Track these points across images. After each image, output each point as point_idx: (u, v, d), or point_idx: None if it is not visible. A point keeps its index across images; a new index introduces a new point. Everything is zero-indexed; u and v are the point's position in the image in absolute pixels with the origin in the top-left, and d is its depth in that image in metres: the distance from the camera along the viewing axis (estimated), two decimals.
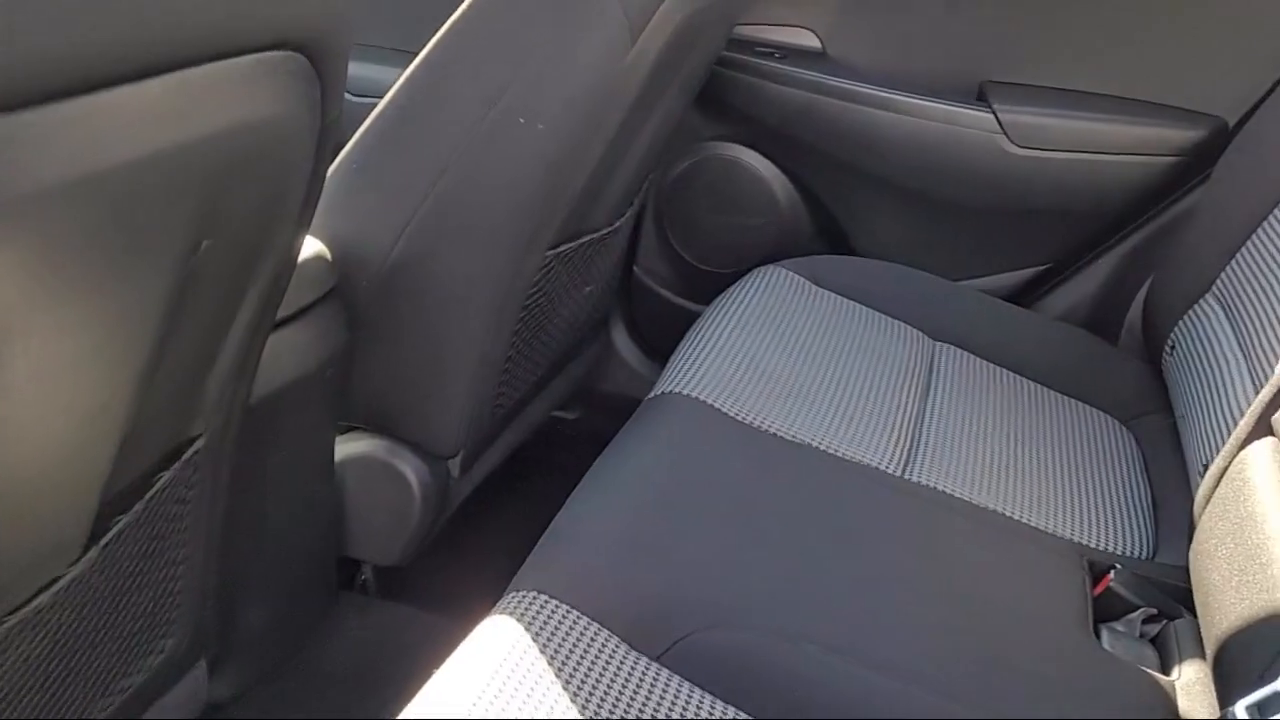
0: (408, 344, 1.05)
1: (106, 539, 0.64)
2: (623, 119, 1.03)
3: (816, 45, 1.45)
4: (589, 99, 0.97)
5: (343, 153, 1.00)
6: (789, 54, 1.44)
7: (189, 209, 0.52)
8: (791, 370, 1.12)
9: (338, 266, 1.00)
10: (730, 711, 0.74)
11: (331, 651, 1.13)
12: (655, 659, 0.76)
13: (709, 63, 1.33)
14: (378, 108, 0.99)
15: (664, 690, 0.74)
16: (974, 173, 1.39)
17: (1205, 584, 0.84)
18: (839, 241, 1.50)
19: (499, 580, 0.95)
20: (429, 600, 1.21)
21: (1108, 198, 1.37)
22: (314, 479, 1.07)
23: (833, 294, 1.30)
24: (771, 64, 1.43)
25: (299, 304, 0.94)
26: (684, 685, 0.75)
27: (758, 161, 1.50)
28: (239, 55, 0.52)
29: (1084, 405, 1.24)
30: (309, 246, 0.97)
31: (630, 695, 0.72)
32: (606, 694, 0.71)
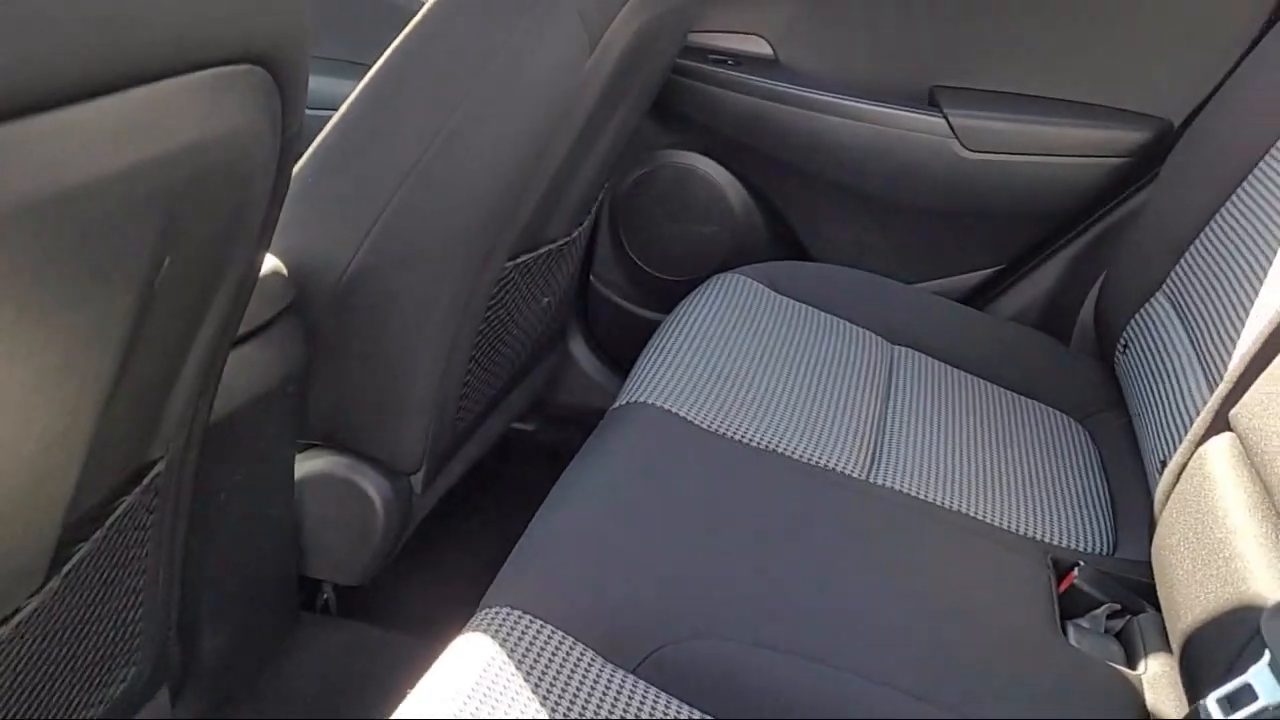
0: (367, 359, 1.04)
1: (68, 567, 0.62)
2: (580, 128, 1.03)
3: (768, 52, 1.46)
4: (547, 109, 0.96)
5: (297, 166, 0.99)
6: (741, 61, 1.45)
7: (152, 227, 0.51)
8: (754, 376, 1.12)
9: (294, 282, 0.98)
10: None
11: (295, 674, 1.11)
12: (631, 671, 0.75)
13: (664, 71, 1.34)
14: (332, 120, 0.98)
15: (641, 701, 0.73)
16: (927, 177, 1.40)
17: (1169, 579, 0.86)
18: (795, 247, 1.51)
19: (463, 597, 0.94)
20: (393, 619, 1.19)
21: (1058, 199, 1.40)
22: (273, 499, 1.05)
23: (790, 300, 1.30)
24: (724, 71, 1.44)
25: (255, 321, 0.93)
26: (661, 696, 0.74)
27: (712, 169, 1.50)
28: (201, 69, 0.50)
29: (1040, 405, 1.26)
30: (265, 262, 0.96)
31: (609, 708, 0.71)
32: (585, 708, 0.70)
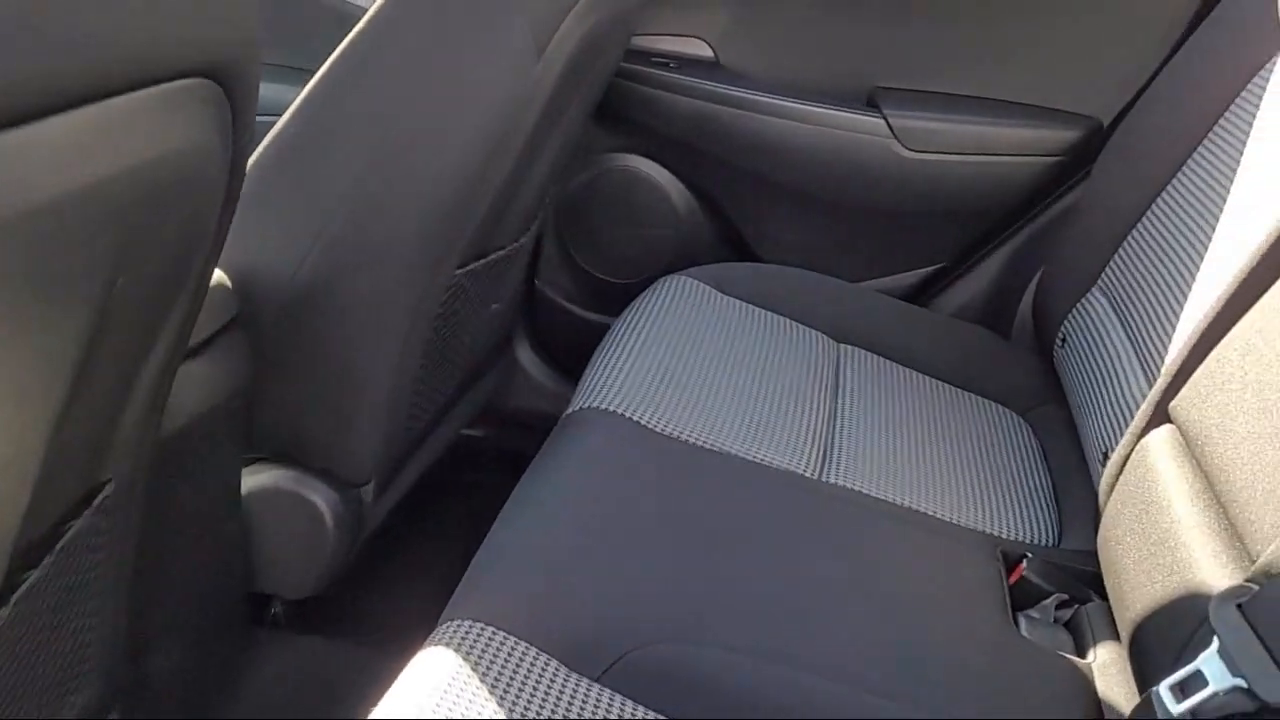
0: (316, 371, 1.02)
1: (17, 595, 0.60)
2: (529, 134, 1.02)
3: (709, 54, 1.47)
4: (496, 115, 0.96)
5: None
6: (683, 64, 1.45)
7: (106, 247, 0.49)
8: (705, 378, 1.12)
9: (238, 294, 0.97)
10: None
11: (249, 691, 1.09)
12: (596, 679, 0.75)
13: (608, 75, 1.34)
14: (275, 128, 0.96)
15: (608, 709, 0.73)
16: (868, 177, 1.42)
17: (1116, 569, 0.88)
18: (740, 248, 1.52)
19: (420, 608, 0.93)
20: (345, 631, 1.18)
21: (995, 198, 1.42)
22: (221, 516, 1.03)
23: (737, 300, 1.31)
24: (666, 74, 1.44)
25: (200, 336, 0.91)
26: (627, 703, 0.74)
27: (656, 172, 1.50)
28: (152, 85, 0.49)
29: (983, 399, 1.28)
30: None
31: (575, 717, 0.71)
32: (552, 718, 0.70)
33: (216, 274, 0.95)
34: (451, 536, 0.92)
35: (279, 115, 0.96)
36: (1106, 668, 0.87)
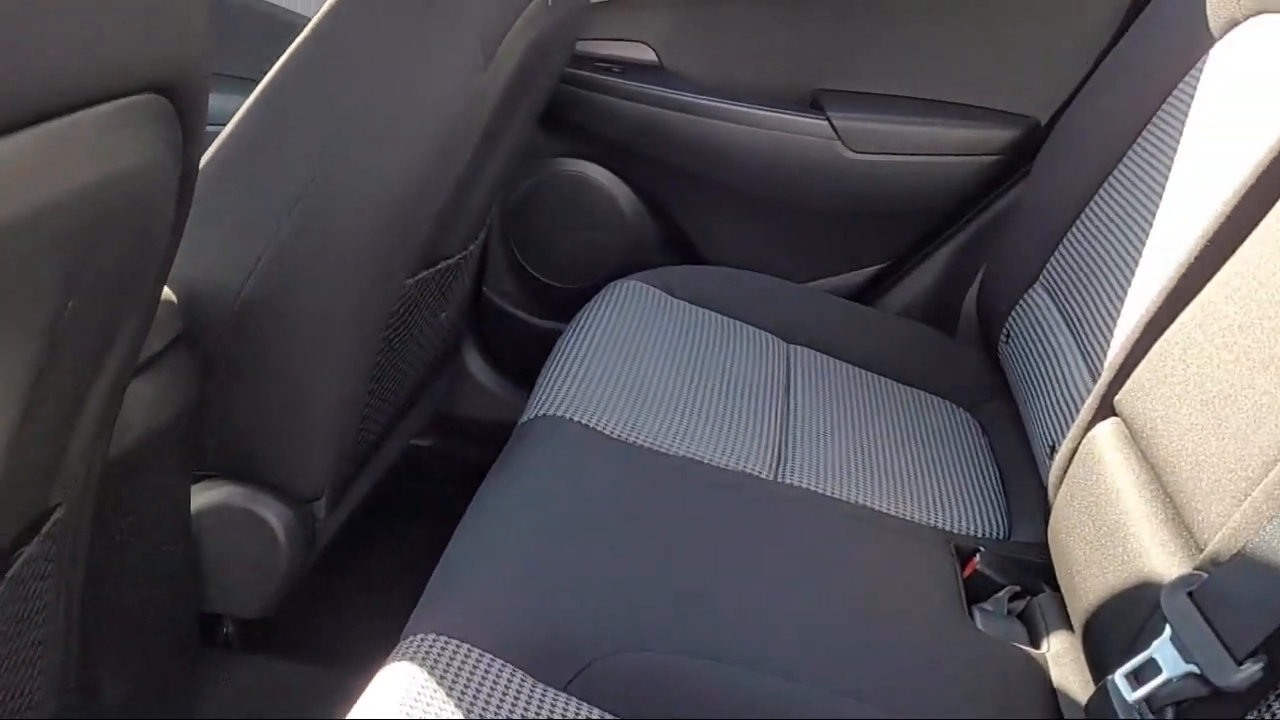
0: (265, 385, 1.00)
1: None
2: (477, 143, 1.02)
3: (653, 59, 1.47)
4: (444, 125, 0.95)
5: None
6: (627, 68, 1.46)
7: (55, 271, 0.48)
8: (658, 383, 1.13)
9: (184, 309, 0.95)
10: None
11: (204, 715, 1.07)
12: (563, 689, 0.75)
13: (554, 81, 1.33)
14: (219, 138, 0.94)
15: (575, 718, 0.73)
16: (813, 178, 1.44)
17: (1067, 560, 0.90)
18: (687, 251, 1.53)
19: (374, 623, 0.92)
20: (302, 650, 1.16)
21: (937, 197, 1.45)
22: (170, 536, 1.00)
23: (687, 303, 1.32)
24: (611, 79, 1.44)
25: (145, 354, 0.89)
26: (594, 711, 0.74)
27: (602, 176, 1.50)
28: (102, 102, 0.48)
29: (931, 396, 1.30)
30: None
31: None
32: None
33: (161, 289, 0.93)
34: (406, 549, 0.91)
35: (221, 125, 0.95)
36: (1060, 657, 0.88)
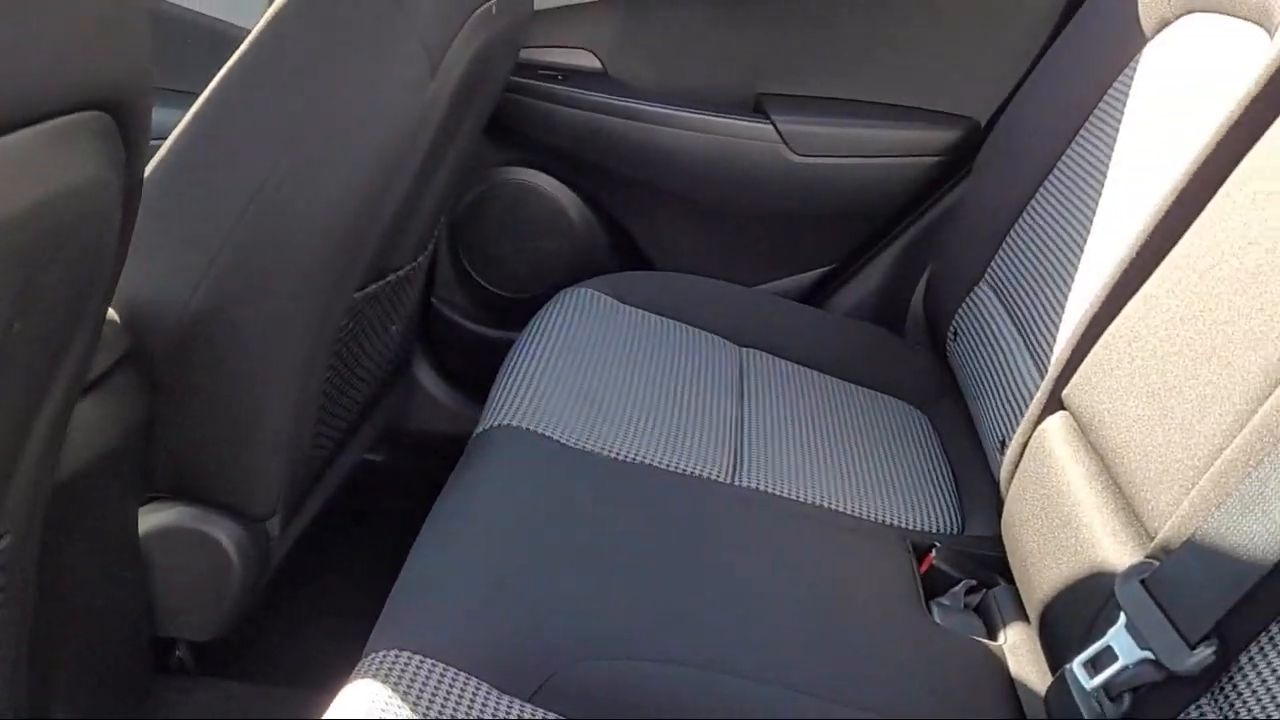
0: (214, 403, 0.99)
1: None
2: (425, 153, 1.01)
3: (597, 65, 1.48)
4: (391, 136, 0.94)
5: None
6: (571, 76, 1.46)
7: (1, 290, 0.47)
8: (613, 390, 1.13)
9: (130, 328, 0.93)
10: None
11: None
12: (528, 700, 0.75)
13: (499, 89, 1.33)
14: (159, 153, 0.93)
15: None
16: (758, 182, 1.45)
17: (1021, 552, 0.91)
18: (637, 257, 1.53)
19: (333, 641, 0.91)
20: (259, 672, 1.14)
21: (882, 198, 1.47)
22: (119, 560, 0.98)
23: (638, 310, 1.32)
24: (555, 87, 1.44)
25: (91, 374, 0.87)
26: None
27: (549, 184, 1.50)
28: (44, 120, 0.47)
29: (882, 395, 1.32)
30: None
31: None
32: None
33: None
34: (363, 565, 0.89)
35: (161, 140, 0.93)
36: (1017, 648, 0.90)
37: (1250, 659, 0.62)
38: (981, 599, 0.99)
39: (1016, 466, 0.97)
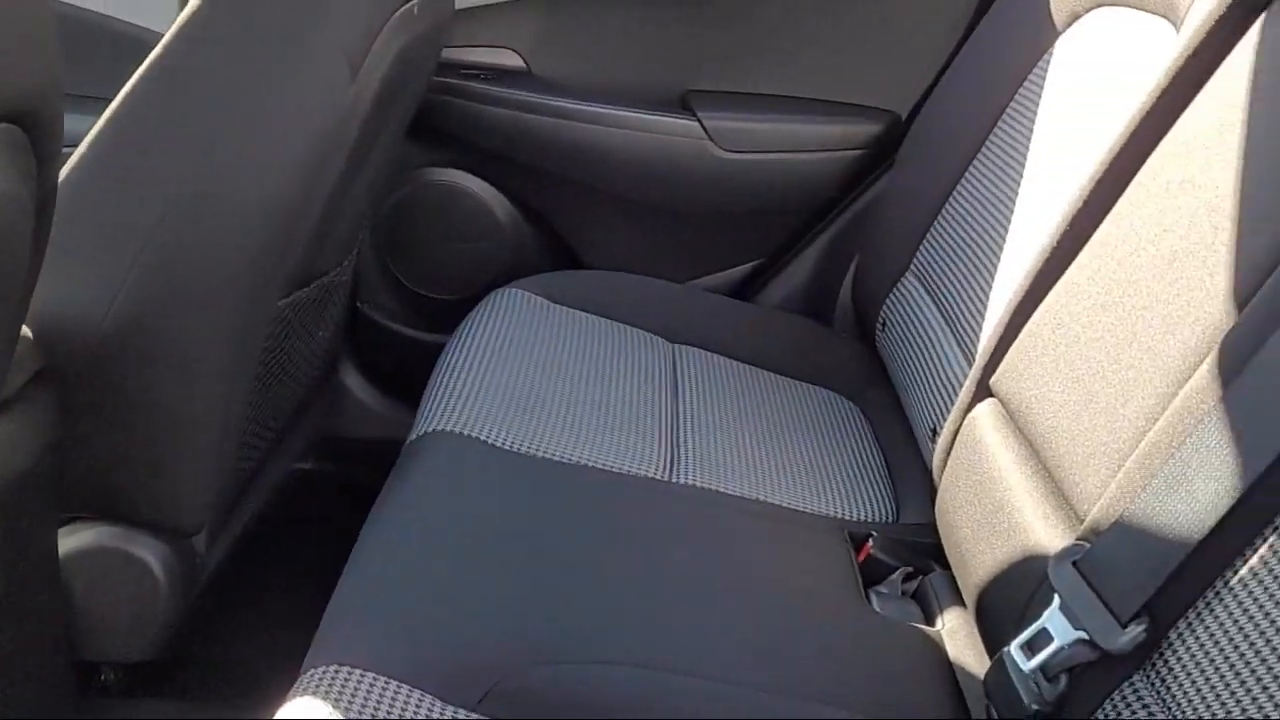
0: (134, 419, 0.96)
1: None
2: (348, 157, 0.99)
3: (520, 64, 1.46)
4: (312, 140, 0.92)
5: None
6: (495, 75, 1.44)
7: None
8: (547, 391, 1.12)
9: (43, 345, 0.89)
10: None
11: None
12: (474, 709, 0.74)
13: (422, 90, 1.31)
14: (70, 161, 0.89)
15: None
16: (687, 179, 1.45)
17: (955, 539, 0.93)
18: (567, 256, 1.53)
19: (269, 658, 0.89)
20: (193, 691, 1.11)
21: (808, 192, 1.48)
22: (38, 584, 0.95)
23: (570, 309, 1.31)
24: (479, 86, 1.43)
25: (3, 394, 0.84)
26: None
27: (475, 184, 1.49)
28: None
29: (813, 387, 1.33)
30: None
31: None
32: None
33: None
34: (298, 578, 0.87)
35: (72, 147, 0.90)
36: (955, 633, 0.91)
37: (1179, 634, 0.63)
38: (919, 586, 1.00)
39: (948, 454, 0.98)
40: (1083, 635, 0.68)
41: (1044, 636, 0.71)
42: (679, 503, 1.01)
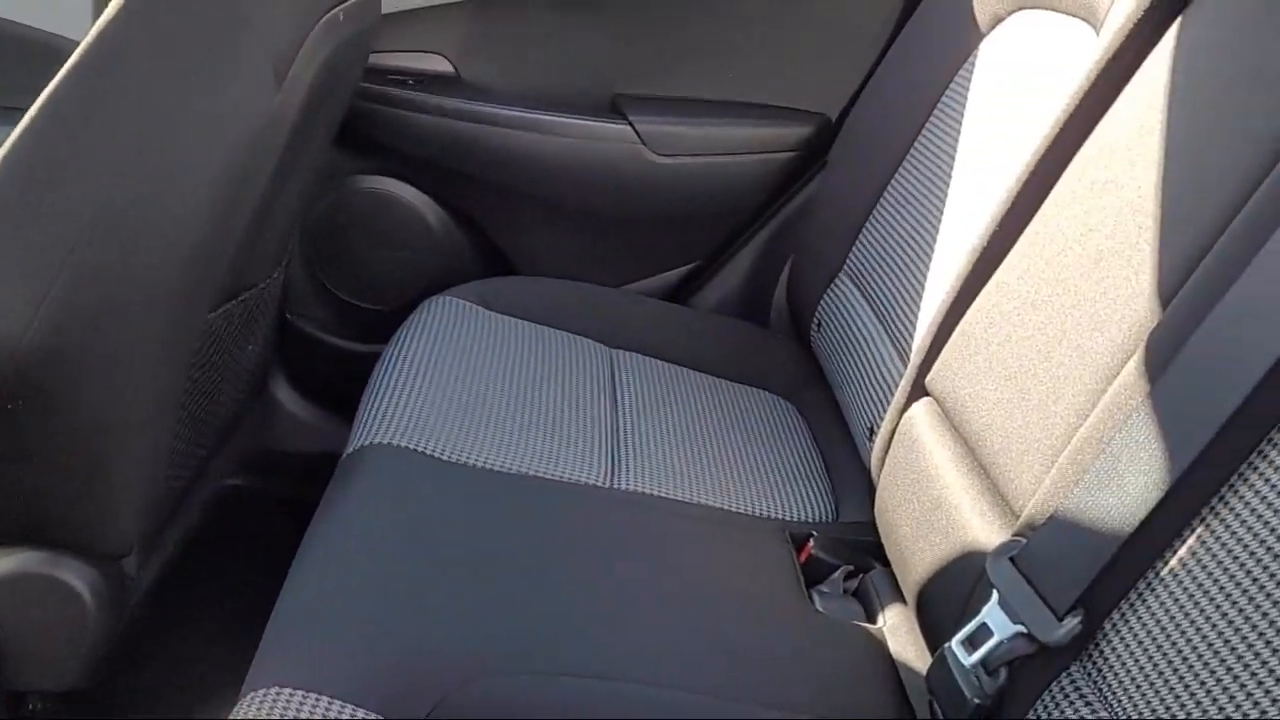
0: (57, 441, 0.93)
1: None
2: (275, 166, 0.97)
3: (449, 69, 1.45)
4: (238, 149, 0.90)
5: None
6: (424, 81, 1.43)
7: None
8: (485, 400, 1.11)
9: None
10: None
11: None
12: None
13: (349, 97, 1.29)
14: None
15: None
16: (619, 183, 1.45)
17: (894, 536, 0.94)
18: (501, 263, 1.51)
19: (206, 680, 0.87)
20: (126, 716, 1.08)
21: (741, 194, 1.49)
22: None
23: (505, 316, 1.30)
24: (407, 92, 1.41)
25: None
26: None
27: (405, 191, 1.47)
28: None
29: (751, 388, 1.34)
30: None
31: None
32: None
33: None
34: (233, 597, 0.85)
35: None
36: (896, 630, 0.93)
37: (1114, 625, 0.65)
38: (860, 584, 1.01)
39: (886, 453, 1.00)
40: (1021, 629, 0.69)
41: (984, 631, 0.72)
42: (621, 509, 1.01)
